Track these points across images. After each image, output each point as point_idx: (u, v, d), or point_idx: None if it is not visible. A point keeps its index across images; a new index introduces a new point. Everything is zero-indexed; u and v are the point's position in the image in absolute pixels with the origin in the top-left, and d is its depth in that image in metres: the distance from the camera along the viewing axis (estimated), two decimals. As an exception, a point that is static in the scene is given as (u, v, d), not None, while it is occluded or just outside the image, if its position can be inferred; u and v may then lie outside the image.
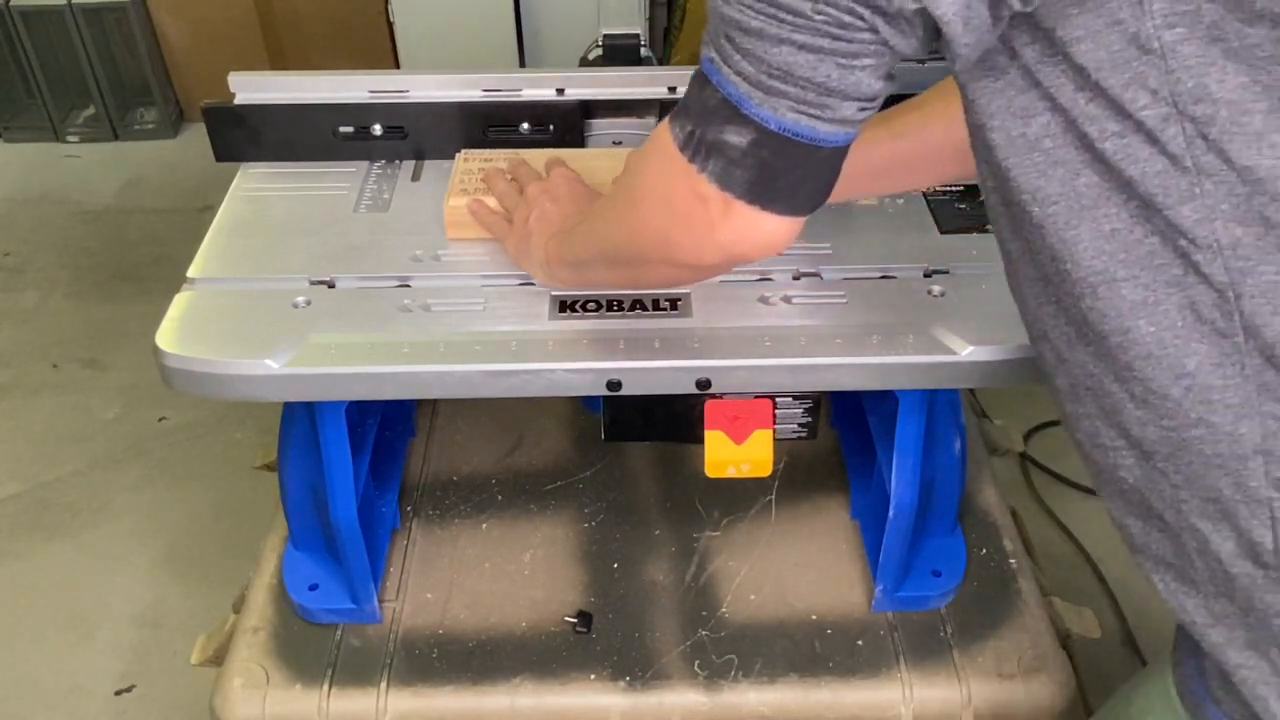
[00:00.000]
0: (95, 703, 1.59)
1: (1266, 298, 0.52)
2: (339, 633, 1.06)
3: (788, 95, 0.58)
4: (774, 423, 0.98)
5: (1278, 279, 0.52)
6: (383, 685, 1.01)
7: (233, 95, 1.14)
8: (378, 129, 1.12)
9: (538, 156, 1.05)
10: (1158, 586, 0.64)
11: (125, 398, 2.10)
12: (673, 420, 1.01)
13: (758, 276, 0.96)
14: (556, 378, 0.88)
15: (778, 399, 0.98)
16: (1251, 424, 0.54)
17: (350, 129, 1.12)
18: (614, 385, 0.89)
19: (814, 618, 1.07)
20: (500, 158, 1.06)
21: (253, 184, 1.10)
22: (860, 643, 1.05)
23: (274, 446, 1.08)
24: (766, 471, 0.99)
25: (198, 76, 2.92)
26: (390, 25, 2.38)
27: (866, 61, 0.57)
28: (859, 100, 0.59)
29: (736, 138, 0.61)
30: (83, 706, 1.58)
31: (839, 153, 0.63)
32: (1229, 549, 0.58)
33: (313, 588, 1.07)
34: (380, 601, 1.07)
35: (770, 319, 0.91)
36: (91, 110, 2.94)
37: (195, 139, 2.90)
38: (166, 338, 0.89)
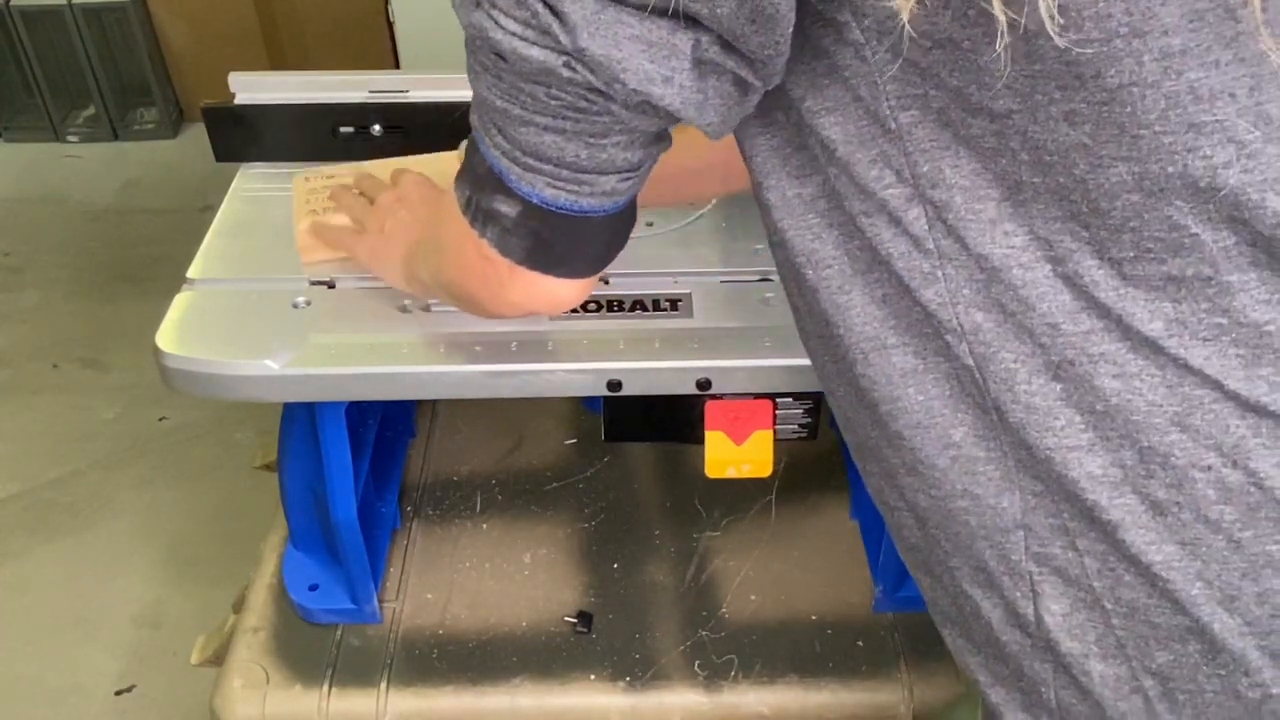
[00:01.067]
0: (95, 703, 1.59)
1: (1007, 384, 0.51)
2: (339, 633, 1.06)
3: (542, 172, 0.56)
4: (774, 423, 0.98)
5: (1016, 366, 0.50)
6: (383, 685, 1.01)
7: (233, 95, 1.14)
8: (378, 129, 1.12)
9: (380, 166, 1.03)
10: (947, 642, 0.63)
11: (125, 398, 2.10)
12: (673, 420, 1.01)
13: (759, 277, 0.96)
14: (556, 378, 0.88)
15: (778, 399, 0.98)
16: (1012, 498, 0.53)
17: (350, 129, 1.12)
18: (614, 385, 0.89)
19: (814, 618, 1.07)
20: (343, 173, 1.04)
21: (253, 184, 1.10)
22: (860, 643, 1.05)
23: (274, 446, 1.08)
24: (766, 472, 0.99)
25: (198, 76, 2.92)
26: (390, 25, 2.38)
27: (616, 139, 0.54)
28: (617, 174, 0.57)
29: (506, 208, 0.59)
30: (83, 706, 1.59)
31: (616, 218, 0.60)
32: (998, 616, 0.57)
33: (313, 588, 1.07)
34: (380, 601, 1.07)
35: (771, 319, 0.91)
36: (91, 110, 2.94)
37: (195, 139, 2.90)
38: (166, 338, 0.89)
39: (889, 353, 0.55)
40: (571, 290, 0.65)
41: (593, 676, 1.03)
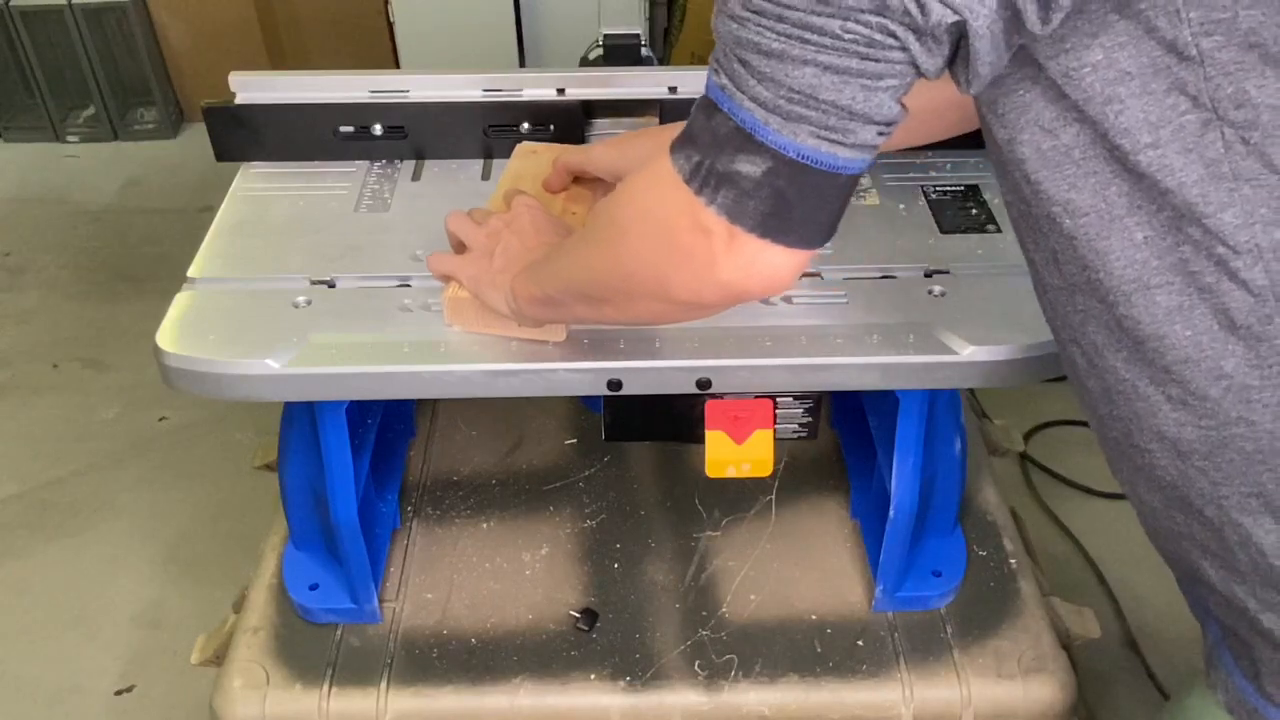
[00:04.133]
0: (95, 703, 1.59)
1: None
2: (339, 633, 1.06)
3: (808, 120, 0.56)
4: (774, 423, 0.98)
5: None
6: (383, 685, 1.01)
7: (233, 95, 1.14)
8: (378, 129, 1.12)
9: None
10: (1207, 572, 0.65)
11: (125, 398, 2.10)
12: (673, 420, 1.01)
13: (758, 276, 0.96)
14: (557, 378, 0.88)
15: (778, 399, 0.98)
16: None
17: (350, 129, 1.12)
18: (614, 385, 0.89)
19: (814, 618, 1.07)
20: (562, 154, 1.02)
21: (253, 184, 1.10)
22: (860, 643, 1.05)
23: (274, 446, 1.08)
24: (767, 471, 0.99)
25: (198, 76, 2.92)
26: (390, 25, 2.38)
27: (890, 82, 0.56)
28: (879, 124, 0.58)
29: (750, 167, 0.59)
30: (83, 706, 1.58)
31: (853, 181, 0.61)
32: (1271, 541, 0.59)
33: (313, 588, 1.07)
34: (380, 601, 1.07)
35: (771, 319, 0.91)
36: (91, 110, 2.94)
37: (195, 139, 2.90)
38: (167, 337, 0.89)
39: (1152, 293, 0.58)
40: (791, 264, 0.63)
41: (593, 676, 1.03)
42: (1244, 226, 0.53)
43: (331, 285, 0.96)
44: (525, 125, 1.12)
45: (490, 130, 1.13)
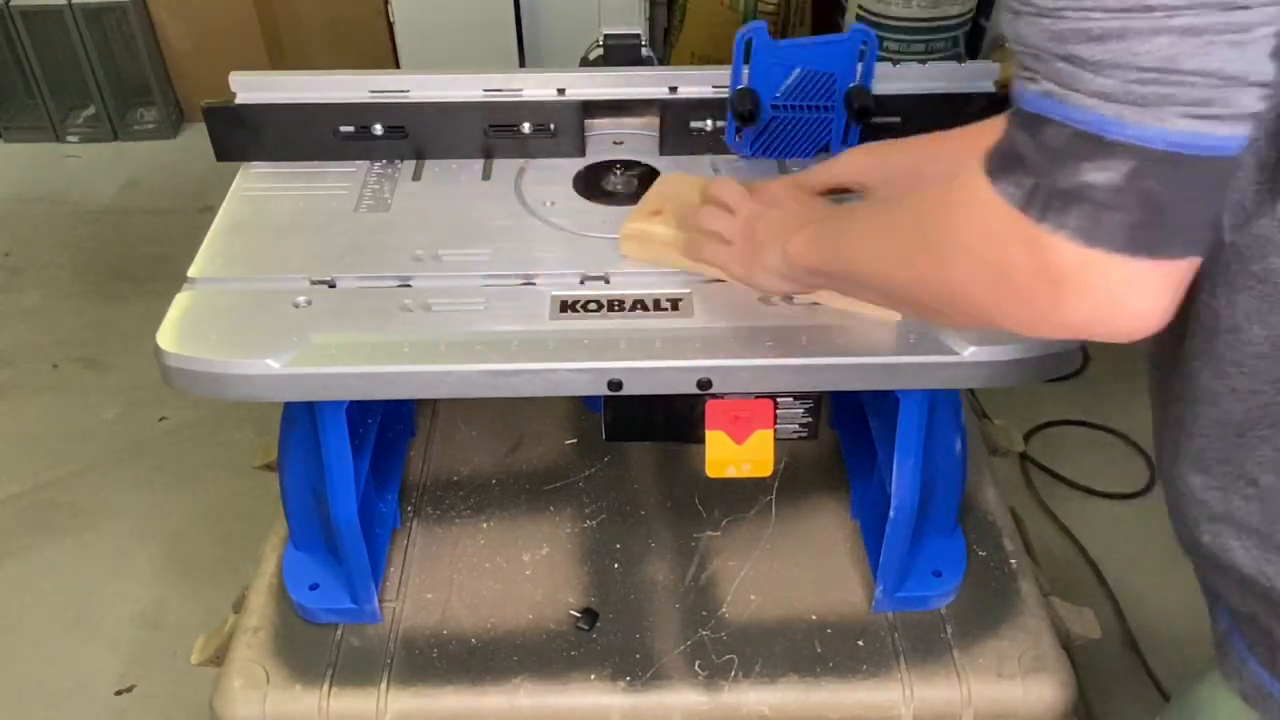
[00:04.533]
0: (95, 703, 1.59)
1: None
2: (339, 633, 1.06)
3: (1173, 99, 0.49)
4: (775, 423, 0.98)
5: None
6: (383, 685, 1.01)
7: (233, 95, 1.14)
8: (378, 129, 1.12)
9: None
10: (1236, 553, 0.64)
11: (125, 398, 2.11)
12: (673, 420, 1.01)
13: (758, 276, 0.96)
14: (557, 378, 0.88)
15: (778, 399, 0.98)
16: None
17: (351, 129, 1.12)
18: (615, 385, 0.89)
19: (814, 618, 1.07)
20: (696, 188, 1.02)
21: (253, 184, 1.10)
22: (860, 643, 1.05)
23: (274, 446, 1.08)
24: (767, 471, 0.99)
25: (198, 76, 2.92)
26: (390, 25, 2.38)
27: (1264, 30, 0.48)
28: (1258, 85, 0.49)
29: (1104, 175, 0.51)
30: (83, 706, 1.59)
31: (1235, 164, 0.52)
32: None
33: (313, 587, 1.07)
34: (380, 601, 1.07)
35: (771, 319, 0.91)
36: (91, 110, 2.94)
37: (195, 139, 2.91)
38: (167, 337, 0.89)
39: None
40: (1170, 283, 0.54)
41: (593, 676, 1.03)
42: None
43: (331, 285, 0.96)
44: (525, 125, 1.13)
45: (490, 130, 1.13)
